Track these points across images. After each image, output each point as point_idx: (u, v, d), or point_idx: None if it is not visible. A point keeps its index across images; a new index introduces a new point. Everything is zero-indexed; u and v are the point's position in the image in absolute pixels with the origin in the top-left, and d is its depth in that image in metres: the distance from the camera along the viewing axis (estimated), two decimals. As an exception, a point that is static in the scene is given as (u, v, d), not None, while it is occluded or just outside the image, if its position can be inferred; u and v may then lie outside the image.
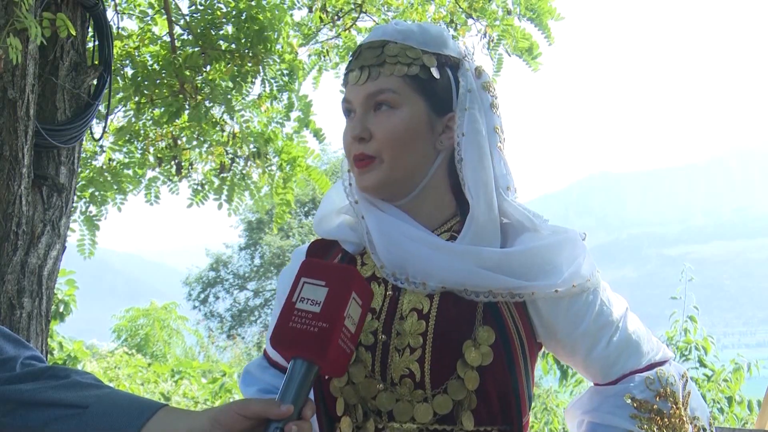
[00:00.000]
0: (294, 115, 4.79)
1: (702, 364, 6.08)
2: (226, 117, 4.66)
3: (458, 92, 1.41)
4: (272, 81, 4.59)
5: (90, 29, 3.64)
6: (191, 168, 4.90)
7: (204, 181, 4.95)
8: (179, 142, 4.79)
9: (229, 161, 4.81)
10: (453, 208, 1.43)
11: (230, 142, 4.70)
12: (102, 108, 3.81)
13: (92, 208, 4.72)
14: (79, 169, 3.79)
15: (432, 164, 1.40)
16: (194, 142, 4.75)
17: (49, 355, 6.27)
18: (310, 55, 4.89)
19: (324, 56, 4.89)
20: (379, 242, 1.37)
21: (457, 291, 1.34)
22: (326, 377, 1.36)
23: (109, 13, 3.70)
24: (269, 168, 4.87)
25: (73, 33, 3.15)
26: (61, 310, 7.29)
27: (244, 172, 4.88)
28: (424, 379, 1.31)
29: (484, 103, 1.42)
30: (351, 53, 1.48)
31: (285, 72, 4.59)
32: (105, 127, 4.13)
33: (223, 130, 4.69)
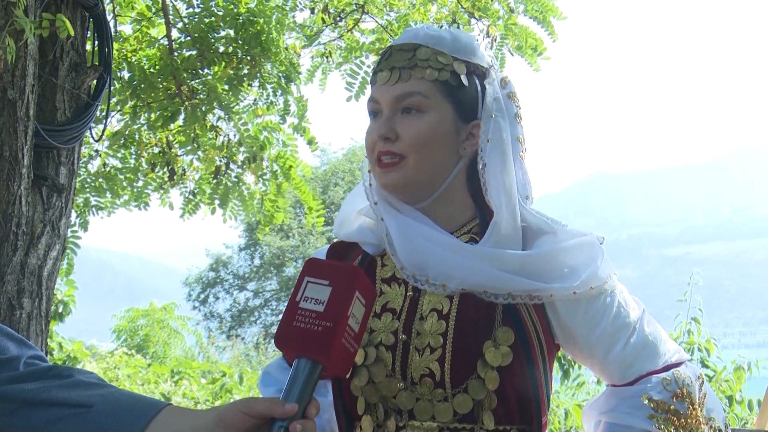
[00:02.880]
0: (289, 120, 4.81)
1: (704, 365, 6.10)
2: (221, 123, 4.67)
3: (484, 100, 1.42)
4: (268, 86, 4.59)
5: (90, 30, 3.64)
6: (184, 175, 4.91)
7: (196, 190, 4.96)
8: (173, 147, 4.79)
9: (224, 167, 4.82)
10: (472, 211, 1.45)
11: (224, 150, 4.70)
12: (99, 110, 3.80)
13: (77, 219, 4.73)
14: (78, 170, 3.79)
15: (453, 169, 1.42)
16: (188, 147, 4.75)
17: (48, 356, 6.25)
18: (312, 57, 4.90)
19: (327, 58, 4.89)
20: (399, 244, 1.39)
21: (476, 292, 1.35)
22: (346, 376, 1.38)
23: (107, 16, 3.69)
24: (263, 176, 4.88)
25: (72, 34, 3.14)
26: (60, 310, 7.28)
27: (237, 177, 4.88)
28: (444, 379, 1.33)
29: (510, 112, 1.45)
30: (381, 53, 1.49)
31: (282, 75, 4.59)
32: (104, 128, 4.13)
33: (218, 135, 4.69)
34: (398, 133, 1.38)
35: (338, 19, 4.80)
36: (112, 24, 4.19)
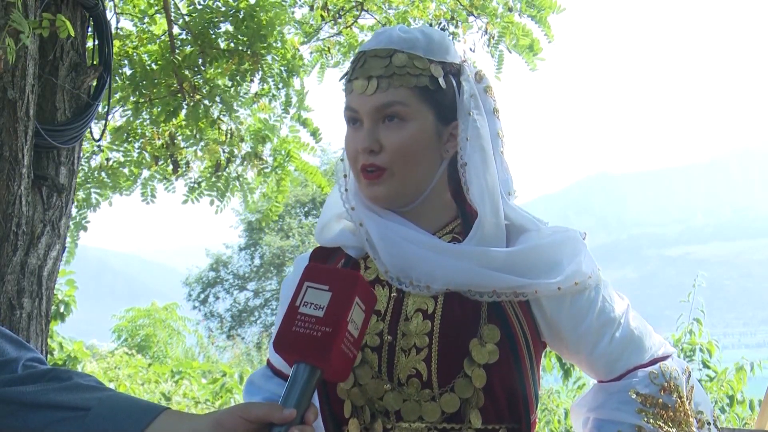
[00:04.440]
0: (291, 112, 4.80)
1: (705, 366, 6.10)
2: (223, 116, 4.66)
3: (461, 98, 1.41)
4: (270, 79, 4.59)
5: (90, 29, 3.63)
6: (187, 167, 4.90)
7: (200, 179, 4.95)
8: (176, 140, 4.79)
9: (225, 160, 4.81)
10: (453, 210, 1.44)
11: (227, 141, 4.70)
12: (101, 109, 3.80)
13: (80, 212, 4.73)
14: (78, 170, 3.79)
15: (437, 172, 1.41)
16: (191, 141, 4.75)
17: (48, 356, 6.26)
18: (311, 53, 4.89)
19: (326, 54, 4.89)
20: (381, 247, 1.38)
21: (461, 291, 1.35)
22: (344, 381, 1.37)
23: (108, 14, 3.69)
24: (264, 168, 4.87)
25: (72, 34, 3.14)
26: (61, 310, 7.29)
27: (239, 172, 4.88)
28: (431, 379, 1.33)
29: (487, 108, 1.44)
30: (352, 59, 1.46)
31: (284, 69, 4.59)
32: (104, 127, 4.13)
33: (220, 129, 4.68)
34: (382, 144, 1.37)
35: (337, 15, 4.80)
36: (113, 21, 4.19)
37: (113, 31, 4.17)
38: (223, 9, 4.42)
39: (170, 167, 4.83)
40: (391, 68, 1.37)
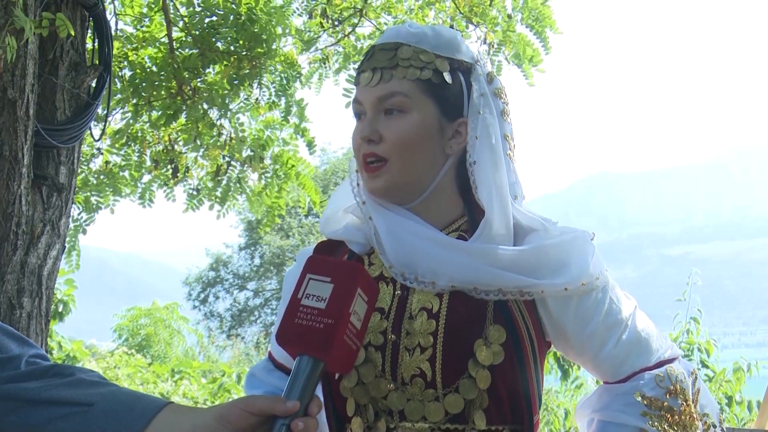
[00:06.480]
0: (291, 120, 4.81)
1: (704, 365, 6.10)
2: (223, 121, 4.66)
3: (470, 96, 1.41)
4: (270, 86, 4.59)
5: (90, 29, 3.64)
6: (187, 173, 4.91)
7: (200, 186, 4.96)
8: (176, 145, 4.80)
9: (225, 165, 4.81)
10: (460, 208, 1.43)
11: (227, 147, 4.70)
12: (100, 109, 3.80)
13: (83, 214, 4.74)
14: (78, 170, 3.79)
15: (441, 168, 1.40)
16: (191, 146, 4.75)
17: (48, 355, 6.26)
18: (310, 62, 4.88)
19: (324, 63, 4.88)
20: (387, 242, 1.37)
21: (466, 290, 1.34)
22: (336, 377, 1.37)
23: (108, 16, 3.69)
24: (265, 174, 4.88)
25: (72, 33, 3.14)
26: (60, 310, 7.29)
27: (240, 176, 4.88)
28: (435, 379, 1.32)
29: (496, 109, 1.43)
30: (364, 53, 1.47)
31: (283, 76, 4.59)
32: (104, 128, 4.13)
33: (220, 134, 4.69)
34: (381, 135, 1.37)
35: (336, 23, 4.79)
36: (113, 23, 4.19)
37: (113, 33, 4.18)
38: (223, 12, 4.42)
39: (170, 173, 4.84)
40: (395, 60, 1.38)
